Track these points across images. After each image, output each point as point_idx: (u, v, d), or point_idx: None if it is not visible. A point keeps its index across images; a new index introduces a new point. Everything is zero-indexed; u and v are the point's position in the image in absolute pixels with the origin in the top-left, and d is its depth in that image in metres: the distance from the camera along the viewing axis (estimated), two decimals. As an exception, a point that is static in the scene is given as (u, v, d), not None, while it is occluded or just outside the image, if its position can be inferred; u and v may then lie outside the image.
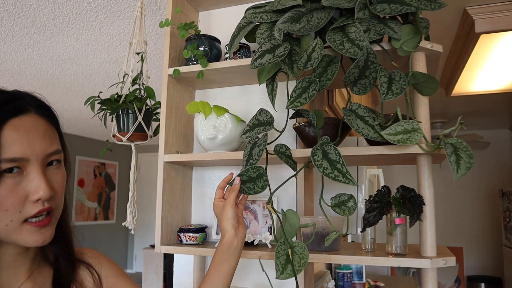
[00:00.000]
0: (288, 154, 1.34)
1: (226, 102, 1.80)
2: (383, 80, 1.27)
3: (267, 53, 1.32)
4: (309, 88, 1.32)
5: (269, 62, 1.30)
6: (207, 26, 1.88)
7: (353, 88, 1.33)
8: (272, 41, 1.34)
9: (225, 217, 1.17)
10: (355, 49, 1.26)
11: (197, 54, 1.53)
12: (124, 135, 2.00)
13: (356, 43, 1.27)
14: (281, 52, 1.32)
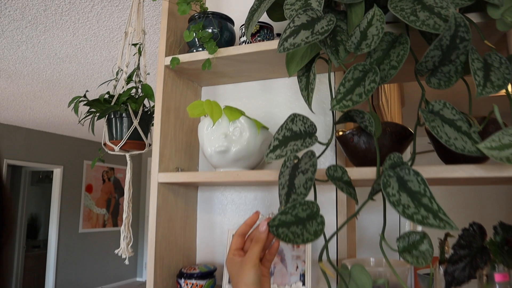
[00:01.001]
0: (347, 180, 0.91)
1: (241, 102, 1.37)
2: (476, 66, 0.84)
3: (303, 29, 0.89)
4: (365, 79, 0.89)
5: (306, 42, 0.87)
6: (217, 2, 1.46)
7: (430, 79, 0.90)
8: (310, 12, 0.92)
9: (243, 282, 0.76)
10: (436, 21, 0.83)
11: (202, 37, 1.12)
12: (116, 144, 1.61)
13: (436, 12, 0.84)
14: (323, 27, 0.89)
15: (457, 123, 0.84)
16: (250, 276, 0.77)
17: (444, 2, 0.85)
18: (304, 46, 0.89)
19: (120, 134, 1.60)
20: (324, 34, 0.88)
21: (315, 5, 0.94)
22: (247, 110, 1.35)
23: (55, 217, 6.41)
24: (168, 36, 1.23)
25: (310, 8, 0.92)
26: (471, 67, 0.84)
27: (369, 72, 0.90)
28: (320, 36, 0.88)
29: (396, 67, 0.90)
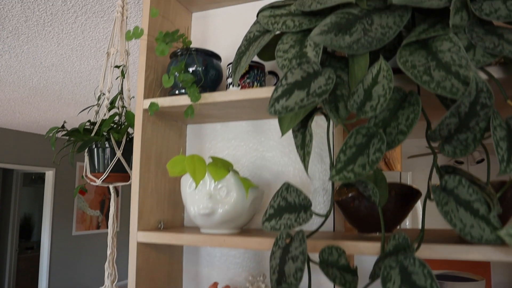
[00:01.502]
0: (344, 265, 0.79)
1: (230, 145, 1.25)
2: (499, 135, 0.72)
3: (297, 89, 0.77)
4: (369, 146, 0.77)
5: (301, 106, 0.75)
6: (204, 34, 1.33)
7: (444, 147, 0.78)
8: (305, 65, 0.79)
9: None
10: (454, 83, 0.71)
11: (184, 81, 0.99)
12: (98, 177, 1.49)
13: (454, 71, 0.72)
14: (320, 87, 0.77)
15: (474, 205, 0.72)
16: None
17: (463, 59, 0.72)
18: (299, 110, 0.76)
19: (102, 166, 1.48)
20: (322, 96, 0.75)
21: (311, 54, 0.81)
22: (236, 153, 1.23)
23: (48, 220, 6.28)
24: (147, 75, 1.10)
25: (305, 60, 0.79)
26: (493, 136, 0.72)
27: (374, 138, 0.78)
28: (317, 98, 0.75)
29: (405, 133, 0.77)
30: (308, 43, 0.83)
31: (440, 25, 0.78)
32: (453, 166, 0.86)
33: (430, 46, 0.77)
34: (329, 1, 0.80)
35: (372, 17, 0.79)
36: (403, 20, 0.78)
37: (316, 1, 0.82)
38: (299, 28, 0.85)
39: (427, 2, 0.74)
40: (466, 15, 0.77)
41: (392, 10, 0.79)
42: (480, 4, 0.75)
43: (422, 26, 0.79)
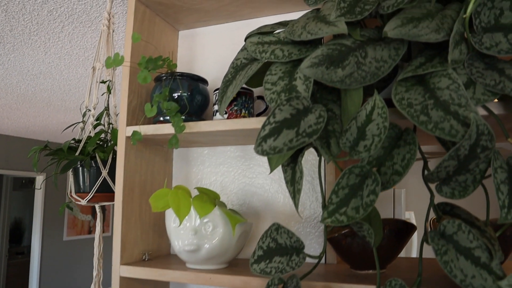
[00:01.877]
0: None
1: (218, 170, 1.20)
2: (500, 178, 0.68)
3: (286, 128, 0.72)
4: (363, 188, 0.72)
5: (290, 148, 0.70)
6: (191, 53, 1.28)
7: (442, 188, 0.73)
8: (294, 102, 0.74)
9: None
10: (453, 124, 0.66)
11: (168, 109, 0.93)
12: (83, 197, 1.43)
13: (453, 111, 0.67)
14: (311, 126, 0.72)
15: (475, 252, 0.67)
16: None
17: (462, 98, 0.67)
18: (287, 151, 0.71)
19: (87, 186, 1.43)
20: (312, 136, 0.71)
21: (301, 89, 0.77)
22: (224, 179, 1.18)
23: (38, 225, 6.20)
24: (130, 100, 1.05)
25: (295, 96, 0.74)
26: (494, 180, 0.68)
27: (368, 179, 0.73)
28: (307, 138, 0.71)
29: (400, 174, 0.73)
30: (298, 76, 0.78)
31: (438, 59, 0.74)
32: (451, 204, 0.82)
33: (427, 82, 0.72)
34: (319, 32, 0.75)
35: (366, 49, 0.74)
36: (399, 54, 0.74)
37: (307, 31, 0.77)
38: (289, 58, 0.80)
39: (425, 36, 0.69)
40: (465, 48, 0.73)
41: (387, 42, 0.75)
42: (480, 37, 0.71)
43: (419, 59, 0.75)
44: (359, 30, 0.77)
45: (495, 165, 0.68)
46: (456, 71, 0.72)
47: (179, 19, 1.21)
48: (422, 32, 0.69)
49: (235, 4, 1.12)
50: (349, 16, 0.75)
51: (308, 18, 0.81)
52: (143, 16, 1.11)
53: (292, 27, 0.82)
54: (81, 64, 2.82)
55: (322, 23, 0.76)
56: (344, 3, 0.77)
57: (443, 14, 0.74)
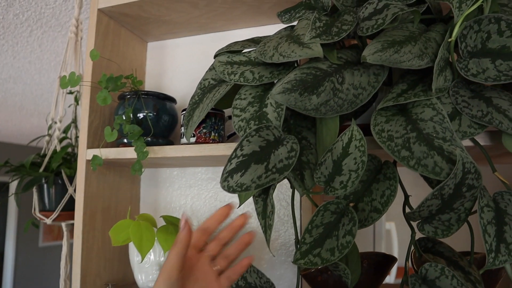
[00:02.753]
0: None
1: (189, 192, 1.12)
2: (486, 218, 0.62)
3: (255, 162, 0.65)
4: (339, 227, 0.66)
5: (258, 185, 0.63)
6: (160, 65, 1.20)
7: (424, 227, 0.67)
8: (264, 132, 0.67)
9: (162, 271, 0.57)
10: (437, 160, 0.61)
11: (130, 133, 0.86)
12: (48, 216, 1.35)
13: (437, 146, 0.61)
14: (281, 160, 0.65)
15: (462, 300, 0.61)
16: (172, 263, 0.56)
17: (447, 131, 0.62)
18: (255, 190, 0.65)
19: (52, 205, 1.35)
20: (283, 173, 0.64)
21: (272, 117, 0.70)
22: (195, 202, 1.11)
23: (12, 230, 6.02)
24: (91, 120, 0.97)
25: (265, 125, 0.67)
26: (480, 220, 0.62)
27: (344, 217, 0.67)
28: (277, 175, 0.64)
29: (380, 211, 0.67)
30: (269, 102, 0.71)
31: (421, 86, 0.68)
32: (433, 240, 0.76)
33: (409, 112, 0.66)
34: (292, 55, 0.68)
35: (344, 74, 0.68)
36: (379, 80, 0.67)
37: (278, 53, 0.70)
38: (259, 81, 0.73)
39: (407, 62, 0.63)
40: (450, 74, 0.67)
41: (367, 66, 0.69)
42: (466, 63, 0.65)
43: (401, 86, 0.69)
44: (336, 53, 0.70)
45: (482, 203, 0.63)
46: (441, 99, 0.67)
47: (147, 30, 1.13)
48: (404, 58, 0.63)
49: (205, 17, 1.05)
50: (325, 37, 0.68)
51: (281, 38, 0.74)
52: (106, 28, 1.03)
53: (263, 47, 0.75)
54: (53, 69, 2.71)
55: (295, 45, 0.69)
56: (319, 22, 0.71)
57: (426, 37, 0.68)
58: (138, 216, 0.87)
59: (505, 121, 0.62)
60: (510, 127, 0.62)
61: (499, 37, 0.64)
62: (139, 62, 1.17)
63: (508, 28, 0.63)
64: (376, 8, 0.68)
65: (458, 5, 0.66)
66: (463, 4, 0.66)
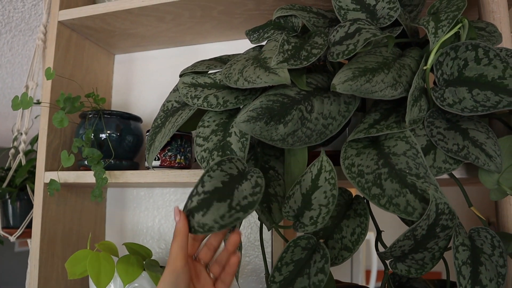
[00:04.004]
0: None
1: (157, 215, 1.07)
2: (461, 259, 0.59)
3: (217, 200, 0.60)
4: (310, 265, 0.62)
5: (221, 226, 0.58)
6: (128, 79, 1.15)
7: (397, 265, 0.63)
8: (226, 165, 0.62)
9: None
10: (409, 199, 0.57)
11: (90, 157, 0.80)
12: (12, 233, 1.28)
13: (410, 183, 0.58)
14: (246, 197, 0.60)
15: None
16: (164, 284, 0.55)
17: (421, 167, 0.58)
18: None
19: (17, 221, 1.28)
20: (247, 211, 0.59)
21: (236, 147, 0.65)
22: (163, 225, 1.05)
23: (-12, 234, 5.86)
24: (50, 141, 0.91)
25: (227, 158, 0.62)
26: (455, 261, 0.58)
27: (316, 253, 0.62)
28: (242, 213, 0.59)
29: (350, 250, 0.63)
30: (233, 130, 0.66)
31: (394, 116, 0.64)
32: (407, 277, 0.72)
33: (381, 145, 0.62)
34: (257, 81, 0.63)
35: (313, 102, 0.63)
36: (349, 110, 0.63)
37: (243, 78, 0.65)
38: (224, 107, 0.69)
39: (379, 92, 0.59)
40: (426, 104, 0.63)
41: (337, 94, 0.64)
42: (442, 92, 0.62)
43: (373, 116, 0.65)
44: (305, 78, 0.66)
45: (456, 242, 0.59)
46: (415, 131, 0.63)
47: (113, 43, 1.07)
48: (377, 87, 0.59)
49: (173, 30, 1.00)
50: (293, 62, 0.64)
51: (248, 60, 0.70)
52: (68, 42, 0.97)
53: (229, 69, 0.70)
54: (25, 72, 2.63)
55: (261, 70, 0.64)
56: (288, 45, 0.66)
57: (401, 64, 0.64)
58: (98, 245, 0.82)
59: (481, 156, 0.59)
60: (487, 162, 0.58)
61: (477, 65, 0.60)
62: (105, 76, 1.11)
63: (485, 56, 0.59)
64: (347, 32, 0.63)
65: (434, 31, 0.62)
66: (439, 30, 0.62)
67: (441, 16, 0.63)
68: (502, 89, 0.58)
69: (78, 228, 0.99)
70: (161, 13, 0.91)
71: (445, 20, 0.62)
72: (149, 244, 1.05)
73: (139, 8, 0.89)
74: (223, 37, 1.03)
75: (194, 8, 0.89)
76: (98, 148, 0.88)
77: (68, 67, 0.97)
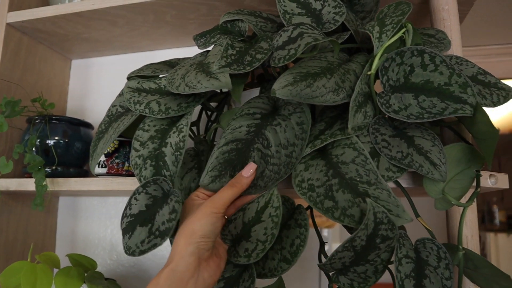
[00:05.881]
0: None
1: (109, 224, 1.03)
2: (404, 272, 0.56)
3: (139, 224, 0.58)
4: (239, 282, 0.60)
5: (141, 251, 0.56)
6: (84, 84, 1.11)
7: (339, 278, 0.61)
8: (151, 187, 0.61)
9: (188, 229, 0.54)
10: (364, 209, 0.55)
11: (31, 164, 0.77)
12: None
13: (362, 191, 0.56)
14: (164, 222, 0.58)
15: None
16: (201, 224, 0.54)
17: (372, 174, 0.56)
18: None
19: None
20: (164, 237, 0.57)
21: (169, 160, 0.63)
22: (115, 235, 1.02)
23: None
24: (-8, 147, 0.87)
25: (152, 180, 0.60)
26: (397, 274, 0.56)
27: (245, 273, 0.60)
28: (159, 239, 0.57)
29: (289, 261, 0.60)
30: (170, 141, 0.64)
31: (339, 123, 0.62)
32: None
33: (329, 154, 0.60)
34: (198, 86, 0.61)
35: (266, 136, 0.61)
36: (305, 130, 0.61)
37: (185, 83, 0.63)
38: (165, 114, 0.66)
39: (320, 97, 0.57)
40: (372, 110, 0.62)
41: (286, 117, 0.62)
42: (388, 98, 0.60)
43: (318, 126, 0.63)
44: (242, 88, 0.65)
45: (399, 255, 0.57)
46: (359, 138, 0.61)
47: (68, 48, 1.04)
48: (317, 92, 0.57)
49: (128, 35, 0.97)
50: (236, 66, 0.62)
51: (192, 65, 0.68)
52: (18, 45, 0.94)
53: (173, 75, 0.68)
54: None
55: (203, 74, 0.62)
56: (232, 50, 0.64)
57: (345, 69, 0.62)
58: (38, 256, 0.78)
59: (425, 164, 0.57)
60: (431, 171, 0.56)
61: (423, 71, 0.59)
62: (60, 81, 1.08)
63: (431, 62, 0.58)
64: (290, 37, 0.62)
65: (378, 36, 0.61)
66: (383, 35, 0.61)
67: (386, 21, 0.62)
68: (448, 95, 0.56)
69: (24, 239, 0.95)
70: (113, 17, 0.89)
71: (389, 25, 0.61)
72: (100, 255, 1.01)
73: (90, 11, 0.87)
74: (179, 43, 1.01)
75: (147, 12, 0.87)
76: (44, 155, 0.84)
77: (17, 71, 0.93)
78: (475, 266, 0.61)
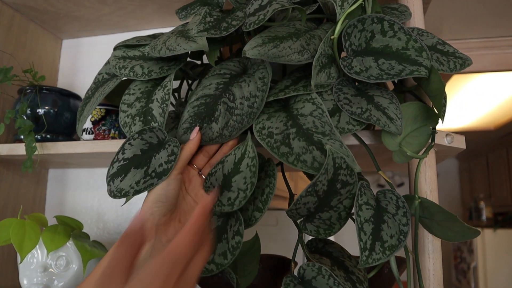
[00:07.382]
0: None
1: (96, 194, 1.08)
2: (363, 217, 0.62)
3: (134, 167, 0.64)
4: (227, 229, 0.65)
5: (136, 191, 0.61)
6: (75, 64, 1.16)
7: (306, 226, 0.66)
8: (147, 134, 0.65)
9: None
10: (316, 155, 0.60)
11: (21, 128, 0.82)
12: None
13: (316, 141, 0.61)
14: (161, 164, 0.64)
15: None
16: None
17: (327, 125, 0.62)
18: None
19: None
20: (161, 178, 0.62)
21: (156, 113, 0.68)
22: (102, 204, 1.07)
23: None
24: (-14, 116, 0.92)
25: (148, 128, 0.65)
26: (357, 218, 0.61)
27: (231, 219, 0.65)
28: (156, 180, 0.62)
29: (261, 210, 0.65)
30: (155, 97, 0.69)
31: (303, 81, 0.67)
32: (324, 240, 0.75)
33: (291, 108, 0.65)
34: (177, 48, 0.66)
35: (232, 91, 0.66)
36: (266, 83, 0.66)
37: (166, 47, 0.69)
38: (148, 76, 0.71)
39: (286, 57, 0.62)
40: (336, 72, 0.67)
41: (250, 74, 0.68)
42: (350, 61, 0.65)
43: (285, 82, 0.68)
44: (217, 53, 0.70)
45: (360, 201, 0.62)
46: (323, 96, 0.66)
47: (59, 26, 1.09)
48: (283, 52, 0.62)
49: (116, 14, 1.02)
50: (213, 31, 0.67)
51: (173, 33, 0.73)
52: (10, 22, 0.99)
53: (156, 42, 0.73)
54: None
55: (182, 38, 0.68)
56: (210, 17, 0.70)
57: (311, 34, 0.68)
58: (28, 216, 0.83)
59: (382, 118, 0.62)
60: (387, 124, 0.62)
61: (383, 36, 0.64)
62: (51, 59, 1.13)
63: (390, 28, 0.64)
64: (261, 5, 0.67)
65: (341, 3, 0.66)
66: (345, 3, 0.66)
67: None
68: (405, 58, 0.62)
69: (14, 205, 0.99)
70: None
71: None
72: (87, 224, 1.06)
73: (80, -12, 0.92)
74: (166, 23, 1.06)
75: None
76: (35, 123, 0.89)
77: (10, 46, 0.98)
78: (430, 213, 0.67)
